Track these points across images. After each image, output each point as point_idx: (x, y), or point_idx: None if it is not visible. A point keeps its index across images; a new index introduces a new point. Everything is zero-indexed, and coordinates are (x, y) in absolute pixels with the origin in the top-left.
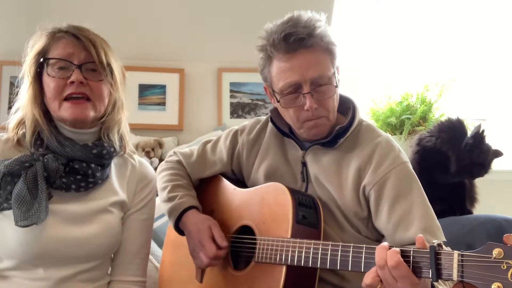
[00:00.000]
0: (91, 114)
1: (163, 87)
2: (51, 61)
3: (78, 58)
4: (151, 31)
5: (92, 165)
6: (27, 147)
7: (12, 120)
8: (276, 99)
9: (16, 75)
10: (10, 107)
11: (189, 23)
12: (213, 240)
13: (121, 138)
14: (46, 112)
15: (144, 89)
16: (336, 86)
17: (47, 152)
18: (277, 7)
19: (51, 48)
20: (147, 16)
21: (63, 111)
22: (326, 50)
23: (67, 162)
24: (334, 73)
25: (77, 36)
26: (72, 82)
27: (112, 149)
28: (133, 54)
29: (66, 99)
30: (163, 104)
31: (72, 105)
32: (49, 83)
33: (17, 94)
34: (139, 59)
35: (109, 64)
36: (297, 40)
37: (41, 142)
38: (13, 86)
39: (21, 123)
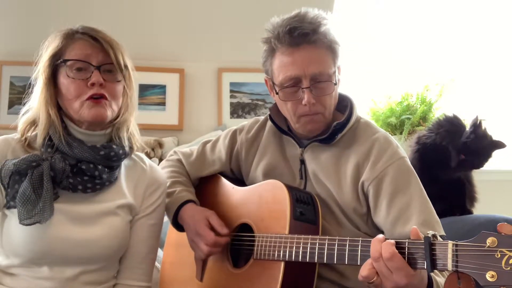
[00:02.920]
0: (109, 113)
1: (163, 87)
2: (69, 62)
3: (96, 59)
4: (151, 31)
5: (100, 167)
6: (38, 148)
7: (21, 122)
8: (276, 91)
9: (16, 75)
10: (10, 107)
11: (189, 23)
12: (212, 229)
13: (130, 138)
14: (58, 113)
15: (144, 89)
16: (335, 84)
17: (56, 153)
18: (277, 7)
19: (67, 49)
20: (147, 16)
21: (85, 110)
22: (329, 48)
23: (76, 163)
24: (334, 72)
25: (94, 37)
26: (93, 84)
27: (121, 151)
28: (133, 54)
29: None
30: (163, 104)
31: (94, 104)
32: (68, 85)
33: (28, 95)
34: (139, 59)
35: (126, 66)
36: (302, 35)
37: (51, 143)
38: (13, 86)
39: (31, 124)
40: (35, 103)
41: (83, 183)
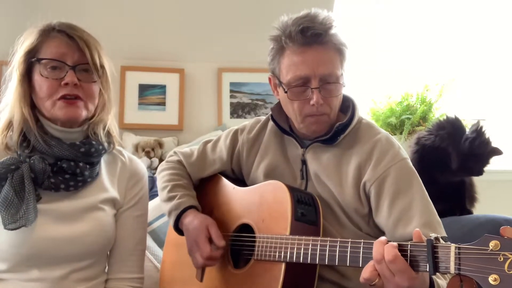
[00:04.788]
0: (84, 113)
1: (163, 87)
2: (44, 61)
3: (72, 58)
4: (151, 31)
5: (80, 164)
6: (14, 149)
7: (0, 122)
8: (284, 89)
9: None
10: None
11: (189, 23)
12: (210, 240)
13: (108, 134)
14: (32, 111)
15: (144, 89)
16: (344, 86)
17: (34, 153)
18: (277, 8)
19: (43, 46)
20: (147, 16)
21: (57, 110)
22: (338, 50)
23: (55, 161)
24: (342, 74)
25: (70, 35)
26: (66, 84)
27: (100, 147)
28: (133, 54)
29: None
30: (163, 104)
31: (66, 105)
32: (42, 84)
33: (3, 93)
34: (139, 59)
35: (102, 66)
36: (314, 35)
37: (28, 143)
38: None
39: (9, 125)
40: (10, 101)
41: (65, 182)
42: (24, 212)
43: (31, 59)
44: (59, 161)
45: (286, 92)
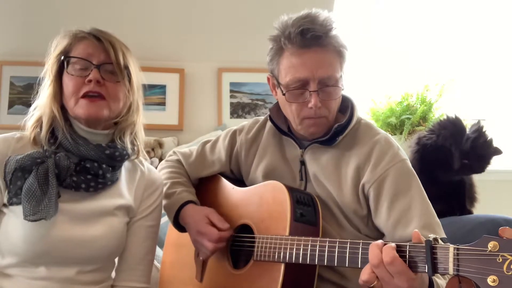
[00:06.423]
0: (105, 112)
1: (163, 87)
2: (72, 60)
3: (98, 58)
4: (151, 31)
5: (104, 166)
6: (41, 144)
7: (31, 118)
8: (282, 91)
9: (16, 75)
10: (10, 107)
11: (189, 23)
12: (213, 226)
13: (133, 142)
14: (62, 110)
15: (144, 89)
16: (342, 89)
17: (60, 150)
18: (277, 7)
19: (73, 48)
20: (147, 16)
21: (79, 108)
22: (338, 52)
23: (79, 161)
24: (341, 76)
25: (98, 37)
26: (90, 81)
27: (124, 152)
28: (133, 54)
29: (83, 96)
30: (163, 104)
31: (88, 103)
32: (68, 82)
33: (37, 93)
34: (139, 59)
35: (126, 67)
36: (314, 37)
37: (55, 140)
38: (13, 86)
39: (39, 121)
40: (42, 100)
41: (86, 182)
42: (45, 205)
43: (61, 60)
44: (83, 161)
45: (284, 94)
